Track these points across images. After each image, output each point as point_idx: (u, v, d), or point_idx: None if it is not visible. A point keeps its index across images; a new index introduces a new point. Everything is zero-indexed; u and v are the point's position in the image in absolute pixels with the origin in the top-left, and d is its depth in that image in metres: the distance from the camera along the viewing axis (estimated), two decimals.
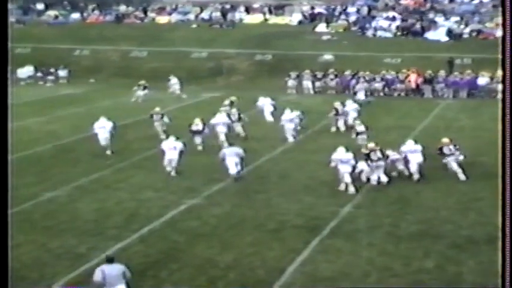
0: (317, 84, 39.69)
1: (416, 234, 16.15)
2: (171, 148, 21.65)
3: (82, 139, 26.98)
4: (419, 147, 20.88)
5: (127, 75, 43.03)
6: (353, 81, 38.89)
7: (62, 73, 44.08)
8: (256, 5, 54.74)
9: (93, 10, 56.70)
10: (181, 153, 21.59)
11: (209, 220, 17.26)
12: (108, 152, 24.29)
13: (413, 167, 20.57)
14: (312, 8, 53.19)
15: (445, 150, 20.82)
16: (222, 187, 20.27)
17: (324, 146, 23.45)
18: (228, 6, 54.62)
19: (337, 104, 28.26)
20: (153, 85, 36.69)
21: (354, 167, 19.94)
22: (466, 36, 46.00)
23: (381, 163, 20.21)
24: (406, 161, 20.77)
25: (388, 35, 47.58)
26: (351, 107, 28.97)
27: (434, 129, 23.83)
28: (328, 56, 43.74)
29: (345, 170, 19.67)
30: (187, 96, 37.12)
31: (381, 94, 38.57)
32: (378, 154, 20.19)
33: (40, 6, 57.72)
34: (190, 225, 16.91)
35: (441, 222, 16.98)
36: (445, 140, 21.13)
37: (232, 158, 20.81)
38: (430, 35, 46.39)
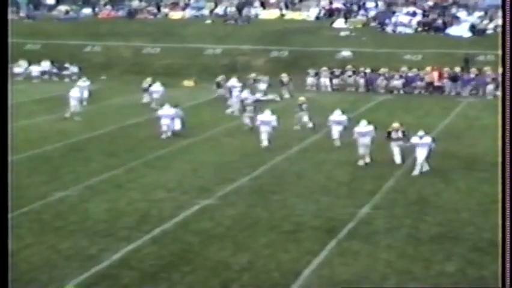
0: (335, 81, 39.22)
1: (436, 236, 15.94)
2: (166, 116, 25.53)
3: (93, 138, 26.83)
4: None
5: (140, 72, 42.65)
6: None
7: (73, 70, 43.79)
8: (272, 0, 54.38)
9: (105, 5, 56.48)
10: (173, 119, 25.60)
11: (223, 221, 17.04)
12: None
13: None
14: (330, 2, 52.76)
15: (393, 135, 21.63)
16: (236, 187, 20.04)
17: (342, 145, 23.16)
18: (243, 1, 54.31)
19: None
20: (166, 82, 36.30)
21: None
22: (490, 32, 44.91)
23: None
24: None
25: (408, 30, 47.01)
26: None
27: (456, 128, 23.35)
28: (346, 53, 43.21)
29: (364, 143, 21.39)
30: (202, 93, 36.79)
31: (401, 92, 38.05)
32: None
33: (51, 0, 57.54)
34: (203, 226, 16.69)
35: (463, 224, 16.77)
36: (395, 124, 21.89)
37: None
38: (452, 30, 45.60)
